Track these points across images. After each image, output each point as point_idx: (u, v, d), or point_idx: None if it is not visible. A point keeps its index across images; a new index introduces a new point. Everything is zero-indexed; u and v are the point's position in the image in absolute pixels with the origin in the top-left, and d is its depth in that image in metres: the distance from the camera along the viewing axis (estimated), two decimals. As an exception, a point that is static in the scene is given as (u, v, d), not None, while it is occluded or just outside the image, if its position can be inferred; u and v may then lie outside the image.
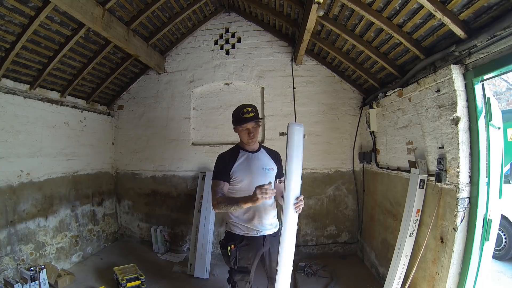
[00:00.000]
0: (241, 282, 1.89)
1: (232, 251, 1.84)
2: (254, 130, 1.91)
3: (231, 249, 1.84)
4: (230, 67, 4.13)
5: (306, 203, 3.94)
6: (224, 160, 1.91)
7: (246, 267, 1.88)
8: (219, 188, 1.81)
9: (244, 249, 1.86)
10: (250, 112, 1.87)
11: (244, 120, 1.87)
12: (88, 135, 3.92)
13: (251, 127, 1.90)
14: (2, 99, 2.76)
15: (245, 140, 1.94)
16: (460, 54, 1.98)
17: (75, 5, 2.35)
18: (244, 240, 1.88)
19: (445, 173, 2.03)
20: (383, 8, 2.31)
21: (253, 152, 1.98)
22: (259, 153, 2.00)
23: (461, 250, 1.95)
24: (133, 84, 4.39)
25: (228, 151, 2.01)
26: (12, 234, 2.81)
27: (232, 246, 1.84)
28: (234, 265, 1.85)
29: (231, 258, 1.84)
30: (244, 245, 1.87)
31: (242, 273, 1.88)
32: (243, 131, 1.92)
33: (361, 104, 3.84)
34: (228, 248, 1.85)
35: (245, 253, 1.87)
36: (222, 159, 1.94)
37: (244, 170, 1.89)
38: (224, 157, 1.94)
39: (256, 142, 1.99)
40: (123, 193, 4.45)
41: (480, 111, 1.90)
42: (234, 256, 1.84)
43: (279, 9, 3.43)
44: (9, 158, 2.81)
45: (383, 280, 2.65)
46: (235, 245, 1.85)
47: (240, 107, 1.92)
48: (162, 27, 3.66)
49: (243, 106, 1.91)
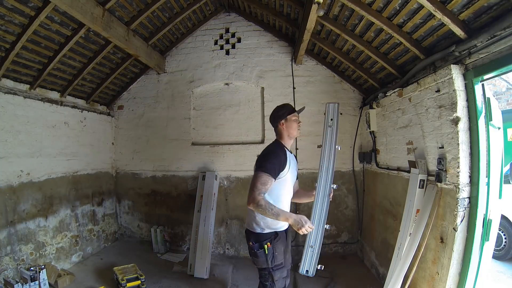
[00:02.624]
0: (280, 281, 1.88)
1: (269, 249, 1.80)
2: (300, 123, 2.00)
3: (268, 247, 1.80)
4: (230, 67, 4.13)
5: (306, 203, 3.93)
6: (281, 157, 1.83)
7: (281, 262, 1.86)
8: (265, 186, 1.70)
9: (277, 244, 1.84)
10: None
11: (295, 110, 1.96)
12: (88, 135, 3.92)
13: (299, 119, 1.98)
14: (2, 99, 2.76)
15: (295, 132, 1.96)
16: (460, 54, 1.98)
17: (75, 5, 2.35)
18: (277, 235, 1.86)
19: (445, 173, 2.03)
20: (383, 8, 2.31)
21: (291, 152, 1.99)
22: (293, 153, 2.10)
23: (461, 250, 1.95)
24: (133, 84, 4.39)
25: (278, 147, 1.92)
26: (12, 234, 2.81)
27: (269, 244, 1.80)
28: (272, 263, 1.81)
29: (269, 257, 1.80)
30: (277, 240, 1.85)
31: (280, 269, 1.86)
32: (295, 122, 1.95)
33: (361, 104, 3.84)
34: (265, 247, 1.80)
35: (279, 249, 1.85)
36: (278, 154, 1.84)
37: (292, 170, 1.89)
38: (281, 153, 1.85)
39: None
40: (123, 193, 4.45)
41: (480, 111, 1.90)
42: (271, 253, 1.80)
43: (279, 9, 3.43)
44: (9, 158, 2.81)
45: (383, 280, 2.64)
46: (271, 243, 1.81)
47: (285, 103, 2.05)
48: (162, 27, 3.66)
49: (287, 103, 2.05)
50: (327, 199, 1.90)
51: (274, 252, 1.81)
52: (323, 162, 1.98)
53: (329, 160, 1.97)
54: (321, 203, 1.90)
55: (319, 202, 1.90)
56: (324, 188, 1.93)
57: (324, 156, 1.99)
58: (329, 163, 1.97)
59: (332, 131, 2.01)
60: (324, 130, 2.03)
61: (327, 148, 1.99)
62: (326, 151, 2.00)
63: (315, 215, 1.89)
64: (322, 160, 1.98)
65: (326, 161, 1.98)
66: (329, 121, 2.02)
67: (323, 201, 1.90)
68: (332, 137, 2.00)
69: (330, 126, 2.02)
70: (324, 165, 1.98)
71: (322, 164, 1.98)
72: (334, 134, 2.00)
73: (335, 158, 1.98)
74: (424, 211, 2.21)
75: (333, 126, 2.01)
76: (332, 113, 2.03)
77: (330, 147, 1.98)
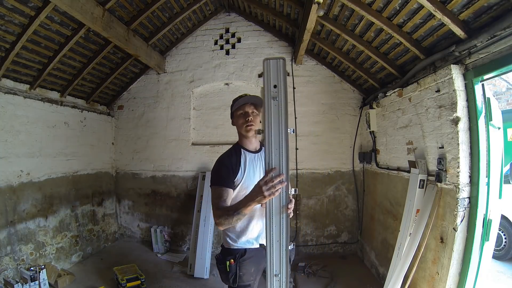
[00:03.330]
0: None
1: (232, 266, 1.55)
2: (253, 117, 1.57)
3: (230, 264, 1.55)
4: (230, 67, 4.13)
5: (306, 203, 3.95)
6: (227, 164, 1.55)
7: (249, 285, 1.59)
8: (222, 200, 1.45)
9: (245, 263, 1.56)
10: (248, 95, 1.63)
11: (241, 100, 1.57)
12: (88, 135, 3.92)
13: (250, 111, 1.57)
14: (2, 99, 2.76)
15: (242, 128, 1.59)
16: (460, 54, 1.98)
17: (75, 5, 2.35)
18: (246, 253, 1.58)
19: (445, 173, 2.03)
20: (383, 8, 2.31)
21: (255, 152, 1.65)
22: (260, 154, 1.66)
23: (461, 250, 1.95)
24: (133, 84, 4.39)
25: (228, 152, 1.65)
26: (12, 234, 2.81)
27: (232, 260, 1.55)
28: (233, 283, 1.55)
29: (230, 274, 1.55)
30: (246, 259, 1.57)
31: None
32: (240, 116, 1.58)
33: (361, 104, 3.84)
34: (227, 264, 1.55)
35: (247, 268, 1.57)
36: (224, 162, 1.57)
37: (250, 176, 1.57)
38: (227, 160, 1.58)
39: (257, 139, 1.68)
40: (123, 193, 4.45)
41: (480, 111, 1.90)
42: (233, 272, 1.54)
43: (279, 9, 3.43)
44: (9, 158, 2.81)
45: (383, 280, 2.65)
46: (235, 260, 1.56)
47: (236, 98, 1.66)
48: (162, 27, 3.66)
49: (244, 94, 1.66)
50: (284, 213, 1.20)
51: (238, 271, 1.54)
52: (270, 156, 1.18)
53: (280, 153, 1.17)
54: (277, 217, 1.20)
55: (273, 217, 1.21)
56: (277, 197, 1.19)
57: (270, 146, 1.17)
58: (280, 157, 1.17)
59: (280, 106, 1.16)
60: (266, 104, 1.17)
61: (274, 134, 1.17)
62: (272, 139, 1.17)
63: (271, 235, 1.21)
64: (269, 154, 1.18)
65: (274, 155, 1.18)
66: (272, 89, 1.16)
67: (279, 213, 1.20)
68: (281, 115, 1.16)
69: (274, 97, 1.16)
70: (272, 162, 1.18)
71: (269, 160, 1.18)
72: (282, 111, 1.16)
73: (288, 148, 1.17)
74: (424, 211, 2.21)
75: (279, 98, 1.16)
76: (275, 76, 1.16)
77: (279, 132, 1.16)
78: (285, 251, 1.21)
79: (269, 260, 1.23)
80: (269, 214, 1.22)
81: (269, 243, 1.22)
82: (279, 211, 1.21)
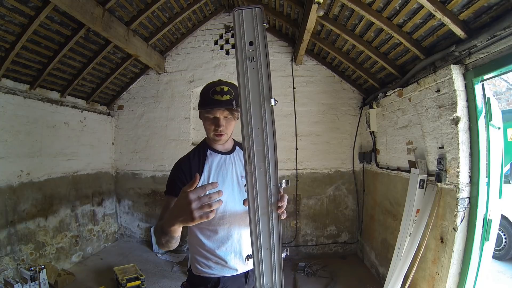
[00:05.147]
0: None
1: None
2: (226, 123, 1.22)
3: None
4: (230, 67, 4.12)
5: (306, 203, 3.95)
6: (184, 168, 1.23)
7: None
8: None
9: None
10: (225, 94, 1.17)
11: (212, 102, 1.17)
12: (88, 135, 3.92)
13: (222, 117, 1.20)
14: (2, 99, 2.76)
15: (210, 135, 1.25)
16: (460, 54, 1.98)
17: (75, 5, 2.35)
18: (219, 282, 1.22)
19: (445, 173, 2.03)
20: (383, 8, 2.31)
21: (226, 154, 1.29)
22: (233, 155, 1.30)
23: (461, 250, 1.95)
24: (133, 84, 4.39)
25: (191, 153, 1.30)
26: (12, 234, 2.80)
27: None
28: None
29: None
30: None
31: None
32: (209, 120, 1.22)
33: (361, 104, 3.84)
34: None
35: None
36: (180, 166, 1.25)
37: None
38: (185, 163, 1.25)
39: (229, 140, 1.32)
40: (123, 193, 4.45)
41: (480, 111, 1.90)
42: None
43: (279, 9, 3.43)
44: (9, 158, 2.81)
45: (383, 280, 2.65)
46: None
47: (213, 84, 1.22)
48: (162, 27, 3.66)
49: (218, 83, 1.21)
50: (274, 212, 0.89)
51: None
52: (250, 139, 0.86)
53: (263, 133, 0.86)
54: (264, 218, 0.89)
55: (259, 219, 0.89)
56: (262, 191, 0.88)
57: (249, 125, 0.86)
58: (264, 139, 0.86)
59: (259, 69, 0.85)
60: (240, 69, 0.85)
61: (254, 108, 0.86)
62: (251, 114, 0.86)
63: (258, 242, 0.90)
64: (248, 136, 0.86)
65: (255, 135, 0.86)
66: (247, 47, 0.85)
67: (266, 213, 0.89)
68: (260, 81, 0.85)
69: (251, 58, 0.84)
70: (255, 146, 0.86)
71: (250, 144, 0.86)
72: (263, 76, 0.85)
73: (273, 126, 0.86)
74: (424, 211, 2.21)
75: (258, 58, 0.84)
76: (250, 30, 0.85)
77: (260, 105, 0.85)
78: (278, 261, 0.91)
79: (258, 275, 0.92)
80: (253, 216, 0.89)
81: (256, 254, 0.91)
82: (266, 211, 0.88)
